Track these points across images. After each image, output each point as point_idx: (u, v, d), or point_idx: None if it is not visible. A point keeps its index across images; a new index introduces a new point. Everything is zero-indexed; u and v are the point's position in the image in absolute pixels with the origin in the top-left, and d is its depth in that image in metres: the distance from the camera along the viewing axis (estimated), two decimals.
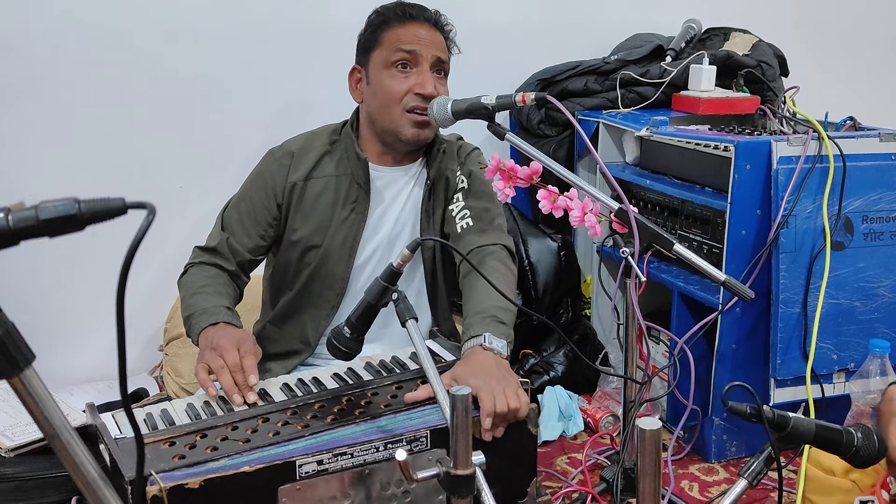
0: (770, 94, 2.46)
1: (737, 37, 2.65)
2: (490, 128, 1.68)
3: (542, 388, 2.33)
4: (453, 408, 1.06)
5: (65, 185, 2.24)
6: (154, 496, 1.18)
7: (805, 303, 1.96)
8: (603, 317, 2.61)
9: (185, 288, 1.76)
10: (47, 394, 0.74)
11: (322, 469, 1.30)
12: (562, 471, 2.05)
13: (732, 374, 2.03)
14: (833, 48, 3.20)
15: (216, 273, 1.79)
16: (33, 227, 0.71)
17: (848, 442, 1.18)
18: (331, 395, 1.49)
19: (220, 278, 1.78)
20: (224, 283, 1.78)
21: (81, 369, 2.40)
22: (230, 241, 1.80)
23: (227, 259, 1.80)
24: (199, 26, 2.39)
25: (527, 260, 2.51)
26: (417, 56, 1.73)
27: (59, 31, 2.26)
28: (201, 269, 1.79)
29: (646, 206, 2.35)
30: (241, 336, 1.60)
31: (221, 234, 1.82)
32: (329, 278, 1.81)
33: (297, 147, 1.85)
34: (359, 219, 1.80)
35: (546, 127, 2.60)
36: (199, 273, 1.78)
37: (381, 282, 1.42)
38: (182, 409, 1.47)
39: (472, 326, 1.56)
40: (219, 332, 1.60)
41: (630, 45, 2.71)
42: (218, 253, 1.81)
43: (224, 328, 1.62)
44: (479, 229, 1.78)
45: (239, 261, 1.81)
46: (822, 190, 1.96)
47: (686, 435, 2.16)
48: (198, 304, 1.68)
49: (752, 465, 1.17)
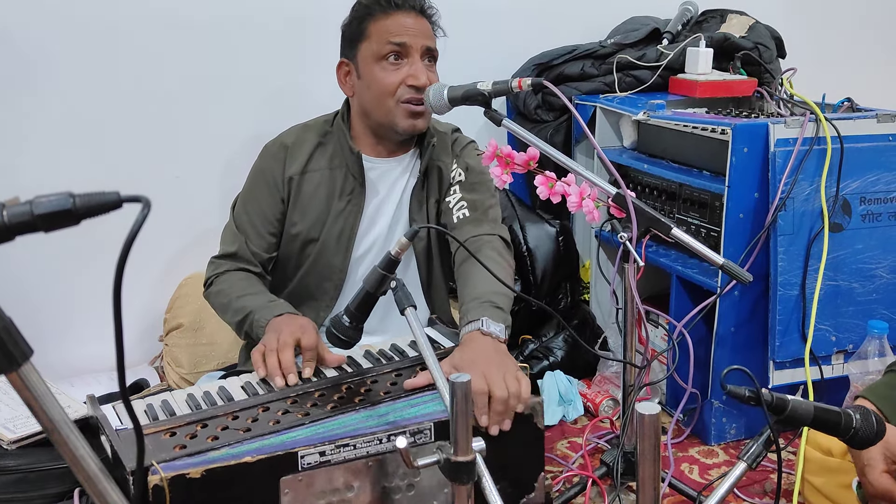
0: (767, 76, 2.45)
1: (733, 19, 2.63)
2: (487, 114, 1.68)
3: (541, 373, 2.34)
4: (453, 395, 1.06)
5: (60, 178, 2.25)
6: (156, 486, 1.18)
7: (803, 285, 1.96)
8: (602, 301, 2.61)
9: (224, 296, 1.75)
10: (46, 388, 0.74)
11: (324, 460, 1.30)
12: (562, 455, 2.06)
13: (731, 356, 2.04)
14: (830, 29, 3.18)
15: (247, 275, 1.78)
16: (28, 223, 0.71)
17: (846, 424, 1.18)
18: (330, 384, 1.49)
19: (254, 279, 1.78)
20: (261, 284, 1.78)
21: (82, 360, 2.40)
22: (249, 245, 1.80)
23: (250, 262, 1.80)
24: (195, 16, 2.37)
25: (525, 246, 2.51)
26: (407, 47, 1.73)
27: (54, 23, 2.24)
28: (231, 276, 1.78)
29: (643, 190, 2.35)
30: (302, 323, 1.60)
31: (238, 236, 1.81)
32: (327, 270, 1.81)
33: (290, 140, 1.84)
34: (355, 211, 1.80)
35: (543, 112, 2.60)
36: (232, 279, 1.77)
37: (380, 270, 1.42)
38: (182, 400, 1.47)
39: (470, 312, 1.56)
40: (284, 318, 1.62)
41: (626, 29, 2.69)
42: (240, 257, 1.80)
43: (290, 316, 1.63)
44: (475, 220, 1.79)
45: (261, 261, 1.81)
46: (820, 172, 1.96)
47: (685, 418, 2.17)
48: (251, 304, 1.68)
49: (752, 447, 1.17)
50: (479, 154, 1.70)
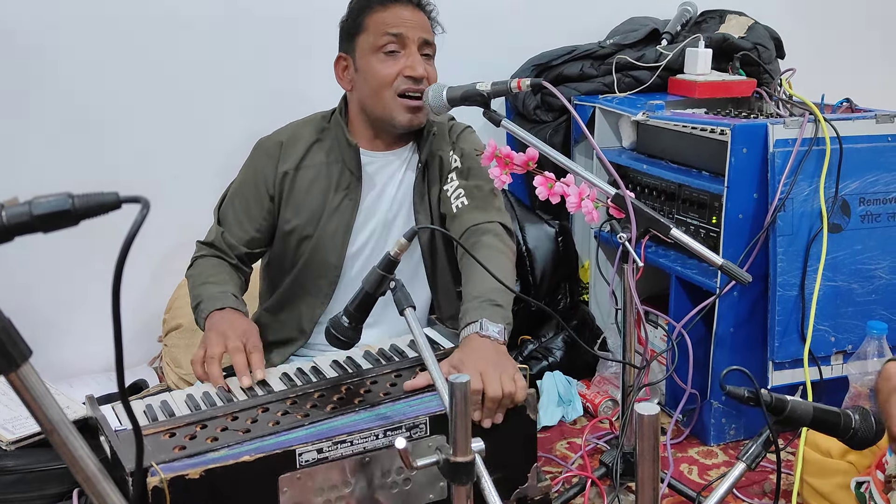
0: (766, 76, 2.46)
1: (732, 19, 2.63)
2: (486, 114, 1.68)
3: (540, 373, 2.34)
4: (452, 395, 1.06)
5: (59, 178, 2.24)
6: (155, 487, 1.18)
7: (802, 285, 1.96)
8: (601, 302, 2.61)
9: (192, 279, 1.80)
10: (44, 389, 0.74)
11: (322, 457, 1.30)
12: (561, 456, 2.05)
13: (731, 357, 2.04)
14: (829, 30, 3.18)
15: (218, 262, 1.82)
16: (27, 223, 0.71)
17: (845, 424, 1.18)
18: (330, 384, 1.49)
19: (224, 267, 1.81)
20: (228, 272, 1.81)
21: (82, 361, 2.40)
22: (225, 237, 1.82)
23: (225, 253, 1.83)
24: (193, 14, 2.37)
25: (524, 246, 2.51)
26: (404, 39, 1.73)
27: (51, 22, 2.24)
28: (206, 260, 1.83)
29: (643, 190, 2.34)
30: (247, 328, 1.62)
31: (217, 228, 1.85)
32: (322, 267, 1.81)
33: (285, 137, 1.85)
34: (352, 205, 1.80)
35: (542, 113, 2.60)
36: (204, 264, 1.82)
37: (379, 271, 1.41)
38: (182, 400, 1.47)
39: (469, 312, 1.55)
40: (225, 316, 1.63)
41: (625, 29, 2.69)
42: (216, 247, 1.84)
43: (230, 314, 1.65)
44: (475, 207, 1.77)
45: (237, 254, 1.83)
46: (819, 172, 1.96)
47: (685, 418, 2.17)
48: (204, 293, 1.72)
49: (751, 448, 1.17)
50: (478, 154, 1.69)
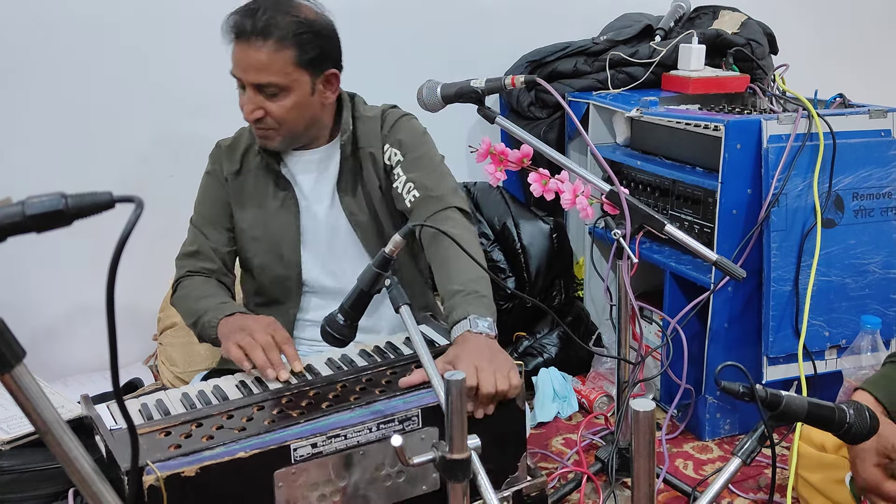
0: (759, 72, 2.46)
1: (726, 15, 2.64)
2: (480, 111, 1.68)
3: (536, 369, 2.34)
4: (448, 392, 1.06)
5: (52, 178, 2.23)
6: (151, 486, 1.18)
7: (796, 281, 1.96)
8: (595, 298, 2.61)
9: (184, 300, 1.78)
10: (39, 390, 0.73)
11: (316, 452, 1.30)
12: (557, 451, 2.06)
13: (725, 352, 2.04)
14: (822, 25, 3.19)
15: (204, 280, 1.81)
16: (20, 224, 0.70)
17: (840, 419, 1.18)
18: (325, 382, 1.49)
19: (212, 283, 1.81)
20: (218, 286, 1.81)
21: (76, 360, 2.39)
22: (207, 240, 1.83)
23: (210, 259, 1.82)
24: (187, 14, 2.36)
25: (519, 243, 2.51)
26: (242, 81, 1.71)
27: (46, 21, 2.24)
28: (192, 280, 1.81)
29: (637, 186, 2.35)
30: (269, 321, 1.63)
31: (197, 235, 1.85)
32: (280, 269, 1.82)
33: (227, 142, 1.88)
34: (290, 205, 1.81)
35: (536, 109, 2.60)
36: (192, 284, 1.80)
37: (374, 269, 1.41)
38: (177, 399, 1.47)
39: (455, 309, 1.54)
40: (244, 317, 1.64)
41: (619, 26, 2.70)
42: (200, 254, 1.82)
43: (246, 315, 1.65)
44: (426, 198, 1.74)
45: (221, 257, 1.83)
46: (813, 168, 1.96)
47: (680, 414, 2.17)
48: (204, 306, 1.70)
49: (746, 443, 1.17)
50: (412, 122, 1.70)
